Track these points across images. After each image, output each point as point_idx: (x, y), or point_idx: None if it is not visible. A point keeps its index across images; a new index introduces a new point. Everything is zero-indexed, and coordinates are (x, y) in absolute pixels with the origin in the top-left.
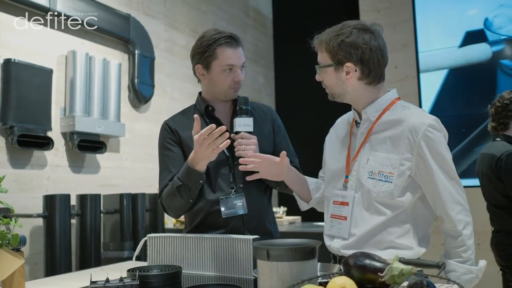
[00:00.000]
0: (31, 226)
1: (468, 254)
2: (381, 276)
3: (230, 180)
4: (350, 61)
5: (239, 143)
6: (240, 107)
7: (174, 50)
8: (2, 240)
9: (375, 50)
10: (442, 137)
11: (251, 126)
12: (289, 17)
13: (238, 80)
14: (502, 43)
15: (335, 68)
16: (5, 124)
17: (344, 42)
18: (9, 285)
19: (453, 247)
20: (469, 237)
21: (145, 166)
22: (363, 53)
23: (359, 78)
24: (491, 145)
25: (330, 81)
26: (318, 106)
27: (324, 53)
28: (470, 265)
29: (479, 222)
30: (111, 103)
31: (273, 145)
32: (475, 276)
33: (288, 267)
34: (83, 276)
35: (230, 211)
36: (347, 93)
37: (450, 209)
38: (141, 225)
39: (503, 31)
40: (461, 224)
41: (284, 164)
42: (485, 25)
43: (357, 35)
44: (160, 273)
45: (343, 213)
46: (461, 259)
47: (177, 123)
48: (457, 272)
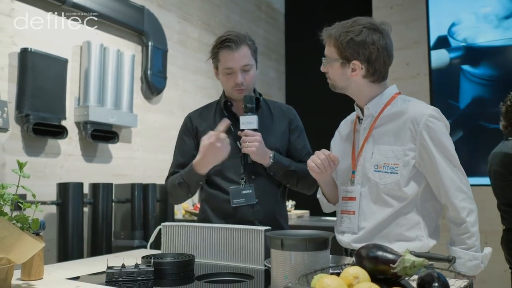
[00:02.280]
0: (45, 213)
1: (473, 241)
2: (393, 268)
3: (241, 171)
4: (357, 59)
5: (243, 141)
6: (245, 105)
7: (187, 42)
8: (24, 224)
9: (382, 51)
10: (443, 126)
11: (255, 124)
12: (301, 11)
13: (238, 82)
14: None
15: (341, 64)
16: (21, 113)
17: (353, 40)
18: (29, 268)
19: (457, 234)
20: (473, 224)
21: (156, 157)
22: (370, 53)
23: (363, 76)
24: (503, 144)
25: (334, 75)
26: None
27: (332, 47)
28: (475, 252)
29: (487, 221)
30: (124, 94)
31: (287, 143)
32: (480, 262)
33: (302, 257)
34: (97, 262)
35: (239, 200)
36: (349, 87)
37: (453, 196)
38: (152, 215)
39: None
40: (465, 211)
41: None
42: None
43: (367, 35)
44: (173, 260)
45: (351, 207)
46: (466, 246)
47: (198, 117)
48: (462, 258)
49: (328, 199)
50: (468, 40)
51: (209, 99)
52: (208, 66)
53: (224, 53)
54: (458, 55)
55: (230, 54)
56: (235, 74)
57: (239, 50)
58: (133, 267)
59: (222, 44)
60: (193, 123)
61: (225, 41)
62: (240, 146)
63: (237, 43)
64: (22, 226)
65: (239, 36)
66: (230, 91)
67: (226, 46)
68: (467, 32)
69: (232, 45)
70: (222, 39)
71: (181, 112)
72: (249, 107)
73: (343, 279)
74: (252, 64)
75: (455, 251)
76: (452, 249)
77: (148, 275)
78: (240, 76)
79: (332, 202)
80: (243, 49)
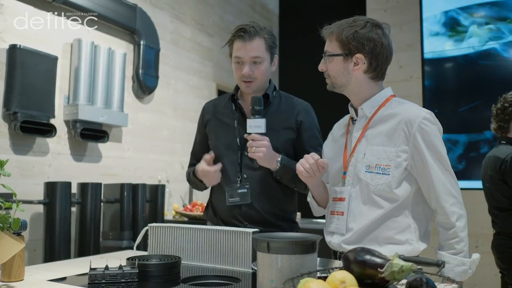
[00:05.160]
0: (32, 212)
1: (461, 246)
2: (380, 272)
3: (238, 169)
4: (360, 52)
5: (250, 145)
6: (253, 107)
7: (179, 42)
8: (4, 224)
9: (385, 46)
10: (437, 130)
11: (263, 128)
12: (295, 13)
13: (244, 73)
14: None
15: (344, 58)
16: (9, 110)
17: (358, 33)
18: (9, 269)
19: (446, 238)
20: (462, 229)
21: (147, 157)
22: (375, 46)
23: (365, 71)
24: (496, 148)
25: (335, 71)
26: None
27: (334, 42)
28: (463, 257)
29: (478, 225)
30: (115, 92)
31: (291, 142)
32: (468, 268)
33: (288, 260)
34: (83, 263)
35: (233, 199)
36: (349, 84)
37: (444, 201)
38: (141, 216)
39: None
40: (455, 216)
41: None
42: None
43: (371, 29)
44: (159, 262)
45: (340, 208)
46: (454, 251)
47: (209, 106)
48: (450, 263)
49: (318, 203)
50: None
51: (202, 99)
52: (201, 66)
53: (236, 42)
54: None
55: (242, 44)
56: (244, 64)
57: (252, 41)
58: (117, 269)
59: (237, 33)
60: (204, 113)
61: (240, 31)
62: (238, 143)
63: (250, 34)
64: (2, 226)
65: (255, 27)
66: (239, 81)
67: (240, 35)
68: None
69: (245, 36)
70: (238, 28)
71: (172, 112)
72: (256, 109)
73: (329, 283)
74: (264, 58)
75: (443, 255)
76: (440, 254)
77: (132, 277)
78: (247, 67)
79: (322, 206)
80: (256, 41)
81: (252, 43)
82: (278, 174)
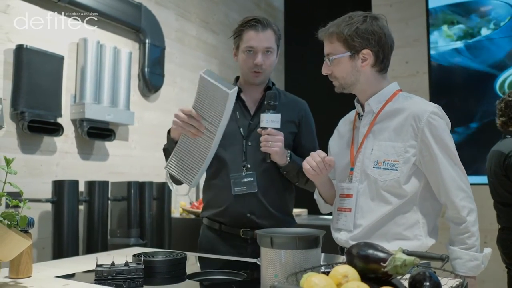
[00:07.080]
0: (40, 211)
1: (473, 241)
2: (383, 266)
3: (243, 158)
4: (367, 47)
5: (265, 139)
6: (268, 102)
7: (184, 40)
8: (11, 221)
9: (388, 36)
10: (445, 124)
11: (279, 123)
12: (301, 9)
13: (257, 63)
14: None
15: (351, 56)
16: (16, 110)
17: (359, 29)
18: (17, 265)
19: (457, 233)
20: (473, 224)
21: (153, 155)
22: (379, 38)
23: (372, 65)
24: (501, 142)
25: (343, 71)
26: (329, 100)
27: (336, 42)
28: (475, 252)
29: (486, 220)
30: (121, 91)
31: (292, 137)
32: (480, 263)
33: (292, 255)
34: (90, 260)
35: (239, 188)
36: (358, 82)
37: (454, 195)
38: (148, 213)
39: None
40: (465, 211)
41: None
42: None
43: (371, 22)
44: (164, 258)
45: (348, 205)
46: (466, 246)
47: None
48: (462, 259)
49: (325, 200)
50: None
51: None
52: (207, 64)
53: (248, 32)
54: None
55: (255, 33)
56: (256, 54)
57: (265, 32)
58: (123, 265)
59: (248, 23)
60: None
61: (252, 21)
62: (242, 133)
63: (264, 25)
64: (10, 223)
65: (266, 19)
66: (247, 72)
67: (253, 25)
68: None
69: (258, 26)
70: (249, 18)
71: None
72: (272, 104)
73: (332, 278)
74: (274, 49)
75: (454, 251)
76: (452, 249)
77: (138, 273)
78: (260, 57)
79: (329, 203)
80: (269, 32)
81: (265, 33)
82: (287, 169)
